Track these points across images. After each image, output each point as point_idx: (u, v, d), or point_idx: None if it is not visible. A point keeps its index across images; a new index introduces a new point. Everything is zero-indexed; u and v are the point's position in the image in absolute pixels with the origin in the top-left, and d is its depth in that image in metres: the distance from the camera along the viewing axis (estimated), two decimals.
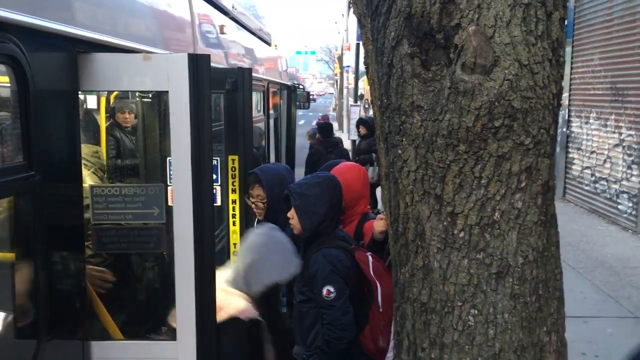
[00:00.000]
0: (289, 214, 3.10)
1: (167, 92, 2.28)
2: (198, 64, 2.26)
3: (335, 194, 3.10)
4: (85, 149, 3.50)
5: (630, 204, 9.61)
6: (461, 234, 1.69)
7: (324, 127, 8.68)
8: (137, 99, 4.52)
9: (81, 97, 4.53)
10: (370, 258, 3.08)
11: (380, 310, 2.96)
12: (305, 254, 3.02)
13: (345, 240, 3.08)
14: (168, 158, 2.48)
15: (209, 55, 2.33)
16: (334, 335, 2.85)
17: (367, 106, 23.14)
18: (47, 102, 1.99)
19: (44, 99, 1.96)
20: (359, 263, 3.03)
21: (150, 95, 4.10)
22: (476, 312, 1.71)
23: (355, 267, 3.01)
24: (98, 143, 4.40)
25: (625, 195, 9.81)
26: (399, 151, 1.76)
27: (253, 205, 3.52)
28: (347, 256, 2.98)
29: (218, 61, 4.55)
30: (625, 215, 9.79)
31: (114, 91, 4.12)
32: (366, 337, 2.96)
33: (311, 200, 2.98)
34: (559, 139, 12.36)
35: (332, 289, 2.85)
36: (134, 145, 4.72)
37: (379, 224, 3.12)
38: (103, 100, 4.56)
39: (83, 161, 3.12)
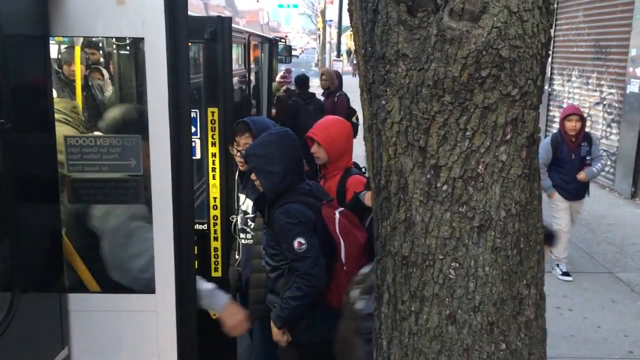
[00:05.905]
0: (251, 176, 3.07)
1: (143, 38, 2.19)
2: (175, 9, 2.17)
3: (291, 148, 3.04)
4: (63, 103, 3.38)
5: (609, 162, 9.71)
6: (444, 187, 1.66)
7: (301, 80, 8.79)
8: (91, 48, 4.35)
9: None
10: (337, 215, 3.07)
11: (345, 268, 2.98)
12: (269, 211, 3.01)
13: (312, 195, 3.06)
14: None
15: (186, 0, 2.23)
16: (310, 284, 2.89)
17: (355, 62, 22.79)
18: (16, 47, 1.90)
19: (12, 44, 1.87)
20: (325, 219, 3.02)
21: (114, 45, 3.95)
22: (457, 265, 1.70)
23: (321, 222, 3.01)
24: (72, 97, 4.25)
25: (604, 154, 9.89)
26: (383, 102, 1.71)
27: (239, 154, 3.47)
28: (311, 210, 2.97)
29: (196, 11, 4.41)
30: (603, 174, 9.90)
31: (87, 37, 3.97)
32: (332, 293, 3.02)
33: (266, 160, 2.94)
34: None
35: (302, 241, 2.87)
36: (85, 102, 4.51)
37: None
38: (78, 50, 4.40)
39: (63, 116, 3.03)
